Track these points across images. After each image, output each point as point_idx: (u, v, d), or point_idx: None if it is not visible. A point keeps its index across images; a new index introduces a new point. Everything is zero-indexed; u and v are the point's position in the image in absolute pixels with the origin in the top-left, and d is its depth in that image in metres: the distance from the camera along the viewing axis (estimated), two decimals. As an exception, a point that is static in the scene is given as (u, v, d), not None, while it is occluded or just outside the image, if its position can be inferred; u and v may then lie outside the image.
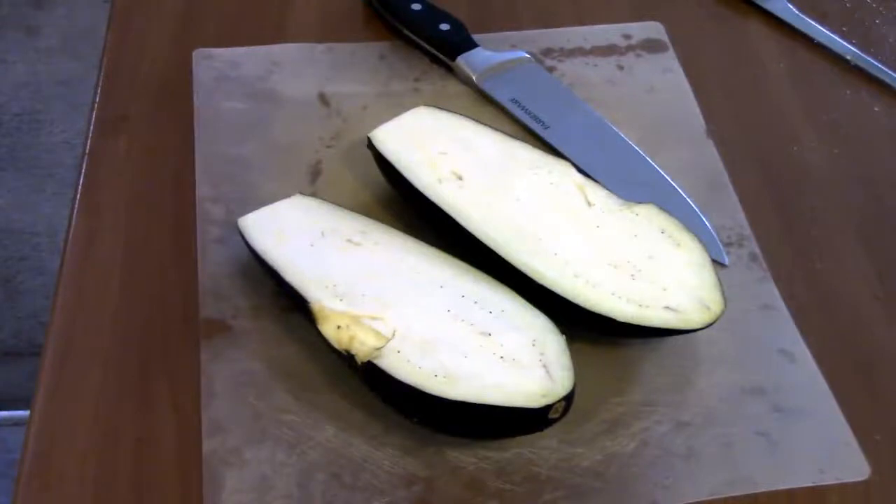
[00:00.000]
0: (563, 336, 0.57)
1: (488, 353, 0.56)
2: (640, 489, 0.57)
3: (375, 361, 0.55)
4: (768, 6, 0.86)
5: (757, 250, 0.69)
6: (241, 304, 0.64)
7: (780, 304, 0.66)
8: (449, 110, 0.70)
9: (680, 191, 0.71)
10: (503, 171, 0.66)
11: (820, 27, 0.85)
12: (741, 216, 0.71)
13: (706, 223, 0.69)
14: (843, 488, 0.58)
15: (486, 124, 0.69)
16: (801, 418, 0.61)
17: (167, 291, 0.65)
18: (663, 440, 0.59)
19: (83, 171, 0.72)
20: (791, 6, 0.86)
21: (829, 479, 0.58)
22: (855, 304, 0.67)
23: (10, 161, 1.56)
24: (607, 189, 0.66)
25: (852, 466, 0.59)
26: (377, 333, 0.57)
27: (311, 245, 0.62)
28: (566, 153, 0.72)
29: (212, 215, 0.68)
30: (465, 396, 0.54)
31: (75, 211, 0.69)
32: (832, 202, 0.73)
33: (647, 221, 0.63)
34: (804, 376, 0.63)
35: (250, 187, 0.70)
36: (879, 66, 0.82)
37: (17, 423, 1.57)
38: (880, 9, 0.88)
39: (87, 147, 0.73)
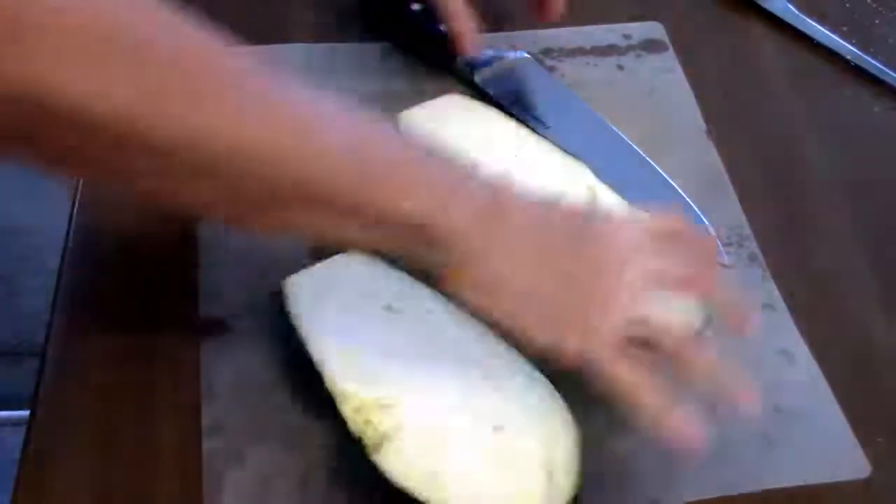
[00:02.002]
0: (578, 431, 0.56)
1: (493, 452, 0.54)
2: (640, 489, 0.57)
3: (375, 458, 0.53)
4: (768, 6, 0.86)
5: (757, 250, 0.69)
6: (241, 304, 0.64)
7: (780, 304, 0.66)
8: (479, 100, 0.71)
9: (680, 191, 0.71)
10: (519, 163, 0.66)
11: (820, 27, 0.85)
12: (741, 216, 0.71)
13: (706, 222, 0.69)
14: (842, 488, 0.58)
15: (513, 116, 0.70)
16: (801, 418, 0.61)
17: (167, 291, 0.65)
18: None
19: (83, 171, 0.71)
20: (791, 6, 0.86)
21: (828, 479, 0.58)
22: (855, 304, 0.67)
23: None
24: (619, 194, 0.66)
25: (852, 466, 0.59)
26: (386, 422, 0.54)
27: (346, 311, 0.60)
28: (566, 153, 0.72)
29: (212, 215, 0.68)
30: None
31: (75, 211, 0.69)
32: (832, 202, 0.73)
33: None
34: (804, 376, 0.63)
35: (250, 187, 0.70)
36: (879, 66, 0.82)
37: (17, 423, 1.57)
38: (880, 9, 0.88)
39: (87, 147, 0.73)
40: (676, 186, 0.71)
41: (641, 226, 0.53)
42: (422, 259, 0.50)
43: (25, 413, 0.60)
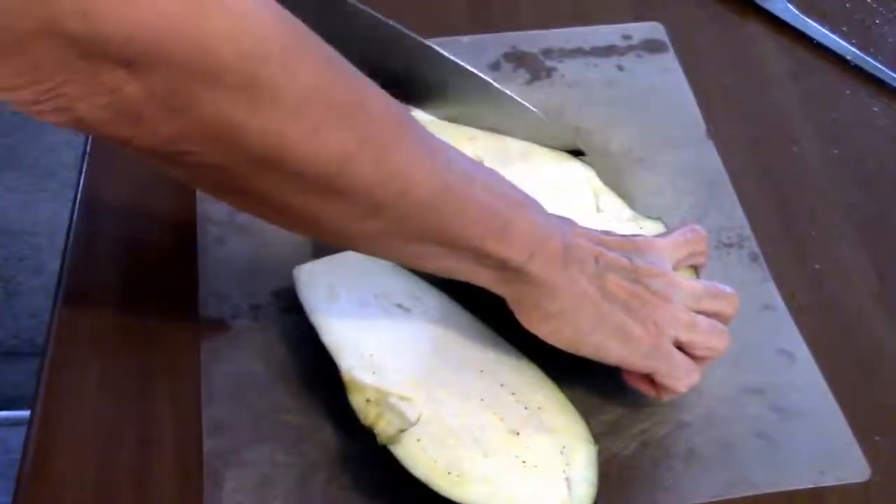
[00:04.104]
0: (596, 447, 0.56)
1: (511, 456, 0.54)
2: (641, 490, 0.57)
3: (392, 447, 0.54)
4: (768, 6, 0.86)
5: (757, 250, 0.69)
6: (241, 304, 0.64)
7: (780, 304, 0.66)
8: None
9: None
10: (524, 161, 0.66)
11: (820, 27, 0.85)
12: (741, 216, 0.71)
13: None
14: (842, 489, 0.58)
15: None
16: (801, 418, 0.61)
17: (167, 291, 0.65)
18: (664, 441, 0.59)
19: (83, 171, 0.72)
20: (791, 6, 0.86)
21: (828, 480, 0.58)
22: (855, 304, 0.67)
23: (10, 161, 1.56)
24: (622, 201, 0.67)
25: (852, 467, 0.59)
26: (402, 416, 0.55)
27: (361, 306, 0.60)
28: None
29: (212, 215, 0.68)
30: (474, 502, 0.52)
31: (75, 211, 0.69)
32: (832, 202, 0.73)
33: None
34: (804, 376, 0.63)
35: (250, 187, 0.70)
36: (879, 66, 0.82)
37: (17, 423, 1.57)
38: (880, 9, 0.88)
39: (87, 147, 0.73)
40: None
41: (686, 285, 0.58)
42: (497, 290, 0.55)
43: (25, 413, 0.60)
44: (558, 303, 0.54)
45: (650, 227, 0.65)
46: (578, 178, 0.67)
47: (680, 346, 0.57)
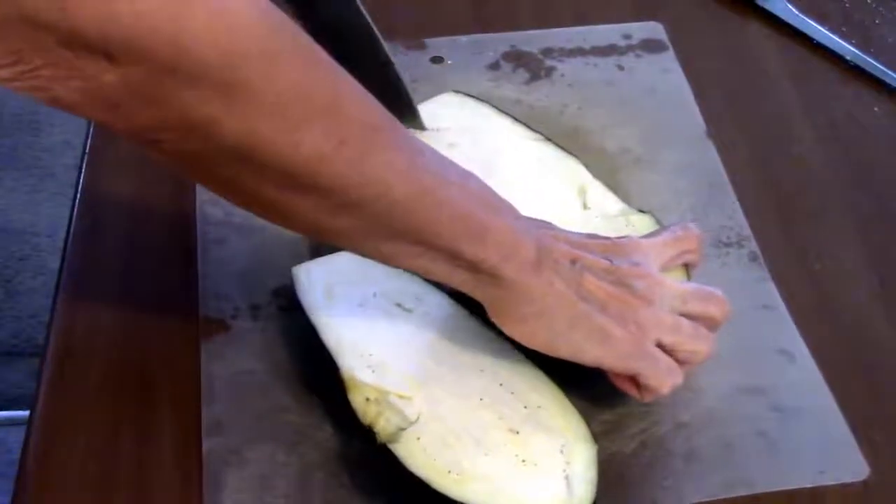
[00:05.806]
0: (596, 446, 0.56)
1: (511, 454, 0.55)
2: (640, 490, 0.57)
3: (391, 446, 0.54)
4: (768, 6, 0.86)
5: (757, 250, 0.69)
6: (241, 304, 0.64)
7: (780, 304, 0.66)
8: (475, 97, 0.71)
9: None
10: (509, 159, 0.66)
11: (820, 27, 0.85)
12: (741, 216, 0.71)
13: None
14: (842, 488, 0.58)
15: (509, 115, 0.70)
16: (801, 418, 0.61)
17: (167, 291, 0.65)
18: (663, 441, 0.59)
19: (83, 171, 0.72)
20: (791, 6, 0.86)
21: (828, 480, 0.58)
22: (855, 304, 0.67)
23: (10, 161, 1.56)
24: (614, 196, 0.66)
25: (851, 466, 0.59)
26: (402, 415, 0.55)
27: (360, 306, 0.60)
28: None
29: (211, 216, 0.68)
30: (474, 501, 0.52)
31: (75, 211, 0.69)
32: (832, 202, 0.73)
33: (638, 231, 0.63)
34: (804, 376, 0.63)
35: (250, 187, 0.70)
36: (879, 66, 0.82)
37: (17, 423, 1.57)
38: (880, 9, 0.88)
39: (87, 147, 0.73)
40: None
41: (672, 287, 0.58)
42: (472, 293, 0.55)
43: (25, 413, 0.60)
44: (533, 305, 0.54)
45: (639, 222, 0.65)
46: (566, 172, 0.67)
47: (663, 348, 0.57)
